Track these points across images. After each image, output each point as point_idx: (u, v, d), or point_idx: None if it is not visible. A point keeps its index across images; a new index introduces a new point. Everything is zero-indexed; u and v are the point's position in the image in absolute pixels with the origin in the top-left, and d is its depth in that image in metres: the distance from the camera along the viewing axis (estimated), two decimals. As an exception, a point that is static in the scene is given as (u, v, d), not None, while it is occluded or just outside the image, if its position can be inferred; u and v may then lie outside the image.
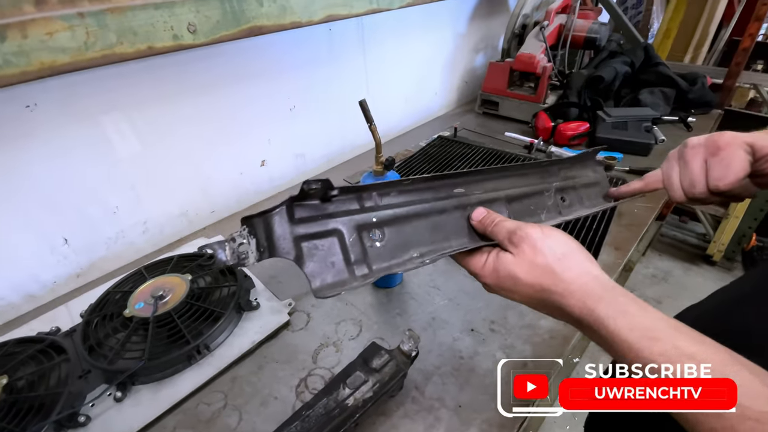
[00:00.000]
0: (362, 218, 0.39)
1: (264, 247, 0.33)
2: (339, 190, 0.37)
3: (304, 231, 0.36)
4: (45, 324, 0.65)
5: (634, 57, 1.36)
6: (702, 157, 0.42)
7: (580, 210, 0.51)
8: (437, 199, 0.43)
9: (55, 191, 0.68)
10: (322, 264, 0.37)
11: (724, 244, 1.90)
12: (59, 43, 0.56)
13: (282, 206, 0.34)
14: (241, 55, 0.83)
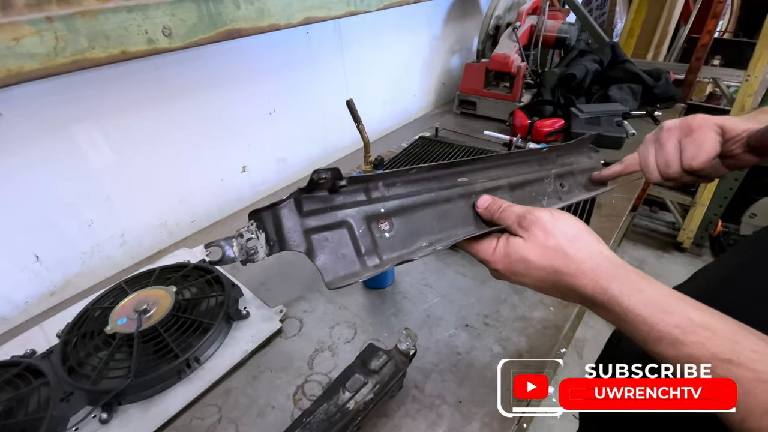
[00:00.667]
0: (370, 209, 0.39)
1: (274, 241, 0.33)
2: (347, 180, 0.37)
3: (313, 223, 0.35)
4: (19, 347, 0.61)
5: (602, 55, 1.42)
6: (676, 139, 0.45)
7: (579, 194, 0.52)
8: (442, 189, 0.43)
9: (24, 205, 0.64)
10: (333, 256, 0.37)
11: (692, 231, 2.00)
12: (27, 49, 0.53)
13: (290, 198, 0.34)
14: (218, 58, 0.81)
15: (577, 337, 1.61)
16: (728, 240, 2.02)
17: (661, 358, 0.30)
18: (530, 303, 0.65)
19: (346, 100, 0.58)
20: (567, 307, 0.63)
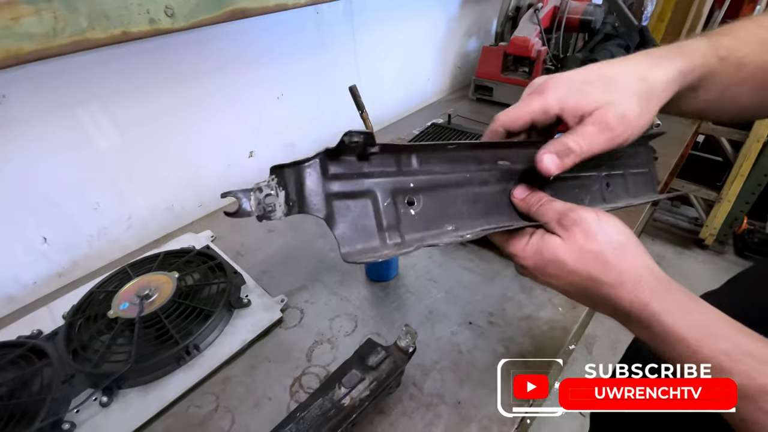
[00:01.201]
0: (399, 181, 0.35)
1: (294, 201, 0.31)
2: (380, 147, 0.34)
3: (337, 189, 0.33)
4: (26, 327, 0.62)
5: (629, 40, 1.34)
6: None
7: (625, 199, 0.48)
8: (480, 170, 0.39)
9: (31, 188, 0.64)
10: (353, 227, 0.34)
11: (716, 228, 1.92)
12: (25, 29, 0.52)
13: (316, 158, 0.31)
14: (224, 40, 0.79)
15: (587, 333, 1.58)
16: (753, 238, 1.93)
17: None
18: (538, 302, 0.62)
19: (349, 87, 0.55)
20: (576, 308, 0.61)
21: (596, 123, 0.34)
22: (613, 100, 0.34)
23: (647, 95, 0.35)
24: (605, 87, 0.35)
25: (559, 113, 0.36)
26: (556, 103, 0.35)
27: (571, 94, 0.35)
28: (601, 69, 0.36)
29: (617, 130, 0.34)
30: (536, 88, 0.37)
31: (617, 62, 0.37)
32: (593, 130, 0.34)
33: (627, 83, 0.35)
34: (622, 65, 0.36)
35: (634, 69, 0.35)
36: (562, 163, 0.35)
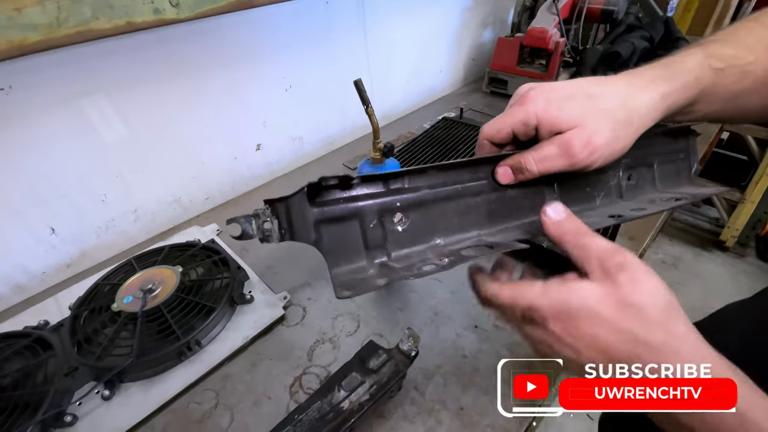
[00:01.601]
0: (386, 202, 0.36)
1: (285, 230, 0.33)
2: (360, 179, 0.34)
3: (325, 214, 0.34)
4: (34, 317, 0.63)
5: (653, 31, 1.27)
6: None
7: (651, 194, 0.42)
8: (473, 181, 0.37)
9: (38, 179, 0.65)
10: (341, 249, 0.35)
11: (738, 229, 1.84)
12: (29, 20, 0.51)
13: (300, 192, 0.32)
14: (231, 31, 0.77)
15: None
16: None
17: None
18: (547, 306, 0.60)
19: (354, 81, 0.53)
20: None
21: (560, 145, 0.33)
22: (586, 122, 0.33)
23: (625, 121, 0.34)
24: (584, 106, 0.34)
25: (536, 125, 0.35)
26: (535, 116, 0.34)
27: (550, 107, 0.34)
28: (587, 85, 0.35)
29: (579, 155, 0.33)
30: (519, 98, 0.36)
31: (606, 81, 0.35)
32: (553, 152, 0.34)
33: (607, 105, 0.34)
34: (610, 86, 0.35)
35: (619, 92, 0.34)
36: (515, 178, 0.36)
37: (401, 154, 0.97)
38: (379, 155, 0.59)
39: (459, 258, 0.34)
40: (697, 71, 0.35)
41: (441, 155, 0.96)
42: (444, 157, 0.95)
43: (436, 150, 0.98)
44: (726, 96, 0.37)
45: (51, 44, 0.54)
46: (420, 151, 0.98)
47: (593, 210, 0.41)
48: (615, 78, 0.36)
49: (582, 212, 0.41)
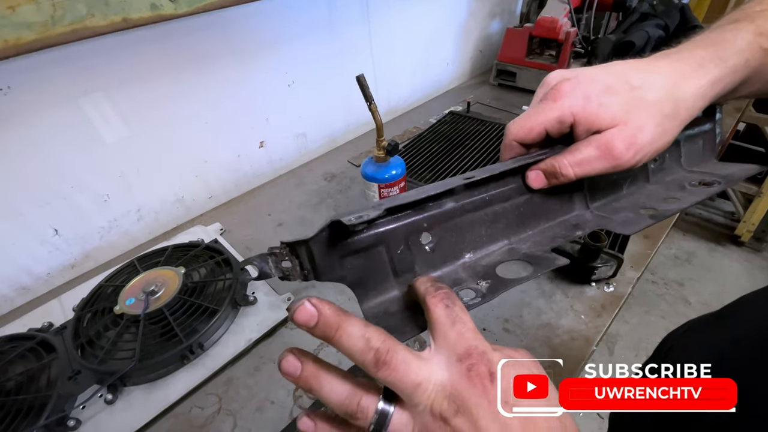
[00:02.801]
0: (412, 224, 0.32)
1: (308, 270, 0.29)
2: (386, 212, 0.29)
3: (348, 248, 0.30)
4: (38, 319, 0.63)
5: (668, 19, 1.22)
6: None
7: (677, 173, 0.40)
8: (502, 188, 0.34)
9: (39, 180, 0.64)
10: (368, 279, 0.31)
11: (754, 224, 1.79)
12: (23, 18, 0.50)
13: (322, 233, 0.29)
14: (231, 26, 0.75)
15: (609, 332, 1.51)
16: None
17: None
18: (558, 309, 0.58)
19: (356, 76, 0.51)
20: (601, 317, 0.56)
21: (600, 146, 0.30)
22: (629, 119, 0.30)
23: (673, 113, 0.31)
24: (627, 100, 0.30)
25: (572, 123, 0.31)
26: (571, 113, 0.31)
27: (589, 104, 0.30)
28: (628, 73, 0.31)
29: (623, 157, 0.30)
30: (550, 91, 0.32)
31: (648, 68, 0.32)
32: (593, 155, 0.31)
33: (653, 97, 0.30)
34: (654, 74, 0.31)
35: (665, 81, 0.31)
36: (548, 183, 0.33)
37: (406, 150, 0.95)
38: (383, 154, 0.57)
39: (498, 282, 0.31)
40: (747, 52, 0.32)
41: (448, 151, 0.94)
42: (450, 153, 0.93)
43: (443, 146, 0.96)
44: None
45: (46, 43, 0.53)
46: (426, 147, 0.96)
47: (622, 199, 0.39)
48: (657, 62, 0.32)
49: (610, 204, 0.39)
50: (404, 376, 0.22)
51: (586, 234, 0.35)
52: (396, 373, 0.22)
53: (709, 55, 0.32)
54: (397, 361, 0.22)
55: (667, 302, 1.66)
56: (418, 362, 0.23)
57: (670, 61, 0.32)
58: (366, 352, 0.22)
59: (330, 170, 0.94)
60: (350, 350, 0.23)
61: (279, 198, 0.87)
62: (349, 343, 0.23)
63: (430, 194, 0.30)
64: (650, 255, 0.66)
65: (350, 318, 0.23)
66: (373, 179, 0.64)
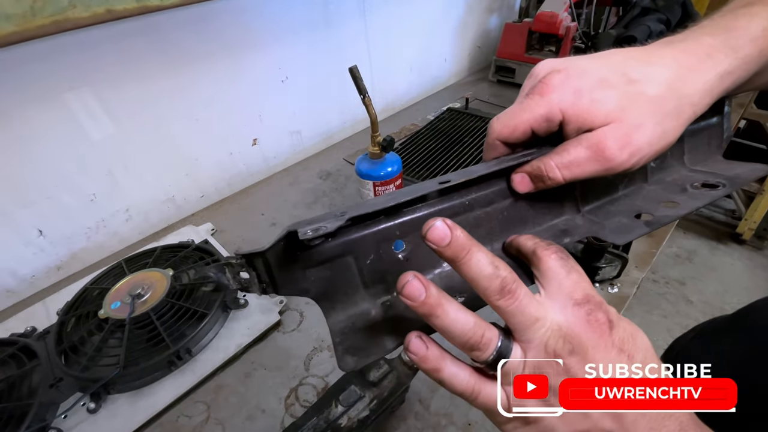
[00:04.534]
0: (382, 231, 0.29)
1: (266, 283, 0.27)
2: (351, 221, 0.27)
3: (312, 259, 0.28)
4: (22, 323, 0.60)
5: (670, 13, 1.21)
6: None
7: (679, 171, 0.37)
8: (484, 191, 0.31)
9: (22, 179, 0.62)
10: (336, 295, 0.29)
11: (755, 221, 1.77)
12: (1, 10, 0.48)
13: (278, 244, 0.26)
14: (223, 19, 0.73)
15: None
16: (797, 233, 1.78)
17: None
18: (560, 311, 0.56)
19: (349, 68, 0.49)
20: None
21: (591, 146, 0.27)
22: (625, 116, 0.27)
23: (675, 111, 0.27)
24: (624, 95, 0.27)
25: (561, 120, 0.28)
26: (560, 110, 0.27)
27: (579, 100, 0.27)
28: (626, 64, 0.28)
29: (616, 159, 0.27)
30: (538, 84, 0.29)
31: (649, 59, 0.28)
32: (583, 156, 0.27)
33: (653, 92, 0.27)
34: (655, 66, 0.28)
35: (667, 74, 0.27)
36: (534, 187, 0.30)
37: (403, 148, 0.93)
38: (378, 150, 0.55)
39: (475, 297, 0.27)
40: (761, 40, 0.28)
41: (445, 148, 0.92)
42: (448, 150, 0.91)
43: (441, 143, 0.94)
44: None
45: (26, 35, 0.51)
46: (423, 145, 0.94)
47: (617, 202, 0.36)
48: (659, 51, 0.29)
49: (604, 207, 0.36)
50: (525, 309, 0.22)
51: (575, 241, 0.32)
52: (519, 304, 0.22)
53: (719, 44, 0.28)
54: (521, 293, 0.22)
55: (668, 301, 1.64)
56: (536, 300, 0.23)
57: (674, 51, 0.28)
58: (493, 279, 0.22)
59: (325, 168, 0.92)
60: (477, 274, 0.22)
61: (273, 197, 0.85)
62: (478, 267, 0.22)
63: (400, 201, 0.27)
64: (655, 254, 0.63)
65: (480, 245, 0.23)
66: (368, 176, 0.61)
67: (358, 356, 0.26)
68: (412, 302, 0.23)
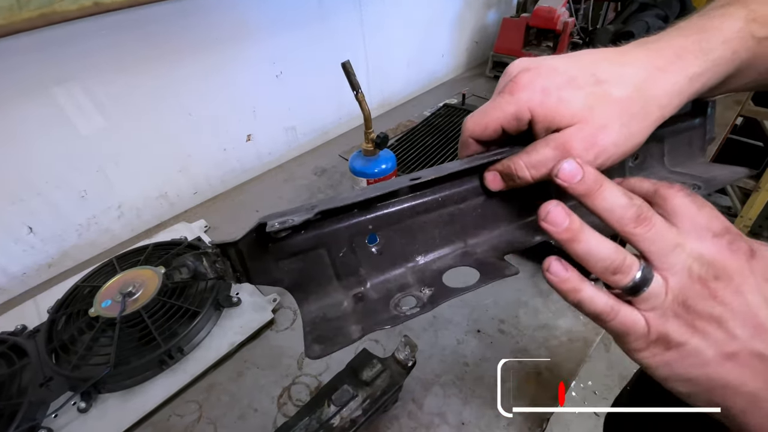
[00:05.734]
0: (355, 225, 0.30)
1: (240, 272, 0.28)
2: (321, 215, 0.27)
3: (284, 251, 0.29)
4: (12, 321, 0.60)
5: (668, 9, 1.20)
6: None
7: (658, 173, 0.37)
8: (457, 187, 0.32)
9: (10, 175, 0.61)
10: (309, 286, 0.30)
11: (751, 219, 1.78)
12: (-14, 2, 0.47)
13: (249, 235, 0.27)
14: (214, 11, 0.72)
15: (605, 328, 1.50)
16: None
17: None
18: (556, 309, 0.56)
19: (341, 63, 0.48)
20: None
21: (558, 147, 0.27)
22: (591, 117, 0.27)
23: (642, 113, 0.27)
24: (589, 95, 0.27)
25: (530, 119, 0.28)
26: (528, 110, 0.28)
27: (547, 99, 0.27)
28: (596, 65, 0.28)
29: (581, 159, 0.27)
30: (509, 83, 0.29)
31: (618, 58, 0.28)
32: (549, 156, 0.27)
33: (619, 94, 0.27)
34: (623, 66, 0.28)
35: (635, 75, 0.28)
36: (506, 186, 0.30)
37: (399, 144, 0.92)
38: (372, 147, 0.54)
39: (441, 291, 0.29)
40: (735, 42, 0.28)
41: (441, 145, 0.91)
42: (444, 147, 0.90)
43: (437, 139, 0.93)
44: (766, 67, 0.30)
45: (13, 28, 0.50)
46: (419, 141, 0.93)
47: None
48: (629, 52, 0.29)
49: (577, 207, 0.36)
50: (665, 235, 0.23)
51: (546, 240, 0.32)
52: (656, 230, 0.22)
53: (691, 45, 0.28)
54: (657, 220, 0.23)
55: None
56: (674, 229, 0.23)
57: (645, 51, 0.28)
58: (629, 207, 0.23)
59: (320, 164, 0.91)
60: (612, 203, 0.23)
61: (267, 193, 0.84)
62: (611, 197, 0.23)
63: (370, 197, 0.28)
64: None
65: (609, 179, 0.24)
66: (362, 174, 0.61)
67: (324, 345, 0.27)
68: (555, 228, 0.23)
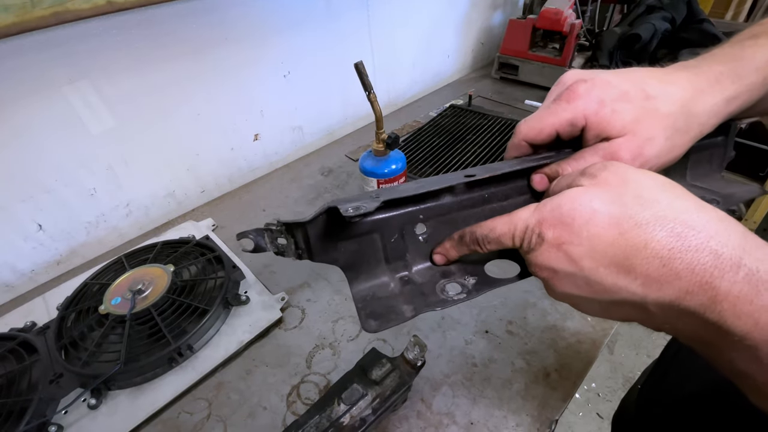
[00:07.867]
0: (407, 214, 0.33)
1: (302, 250, 0.31)
2: (384, 204, 0.30)
3: (344, 233, 0.31)
4: (21, 318, 0.60)
5: (675, 12, 1.19)
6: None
7: (680, 184, 0.39)
8: (503, 187, 0.34)
9: (21, 173, 0.61)
10: (361, 265, 0.33)
11: (756, 221, 1.77)
12: (0, 0, 0.47)
13: (319, 216, 0.30)
14: (224, 12, 0.72)
15: (609, 331, 1.50)
16: (798, 233, 1.78)
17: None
18: (564, 310, 0.56)
19: (354, 63, 0.48)
20: (608, 320, 0.54)
21: (606, 156, 0.30)
22: (639, 129, 0.29)
23: (684, 128, 0.30)
24: (640, 109, 0.29)
25: (584, 126, 0.31)
26: (584, 117, 0.30)
27: (602, 109, 0.29)
28: (645, 82, 0.30)
29: None
30: (565, 91, 0.31)
31: (666, 78, 0.31)
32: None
33: (667, 110, 0.29)
34: (671, 85, 0.30)
35: (681, 94, 0.30)
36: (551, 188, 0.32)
37: (406, 145, 0.92)
38: (383, 147, 0.54)
39: (484, 280, 0.32)
40: (764, 70, 0.31)
41: (449, 145, 0.91)
42: (451, 147, 0.90)
43: (444, 140, 0.93)
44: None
45: (26, 27, 0.50)
46: (426, 141, 0.93)
47: None
48: (674, 73, 0.31)
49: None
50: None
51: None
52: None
53: (728, 71, 0.31)
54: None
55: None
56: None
57: (688, 74, 0.31)
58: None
59: (327, 165, 0.91)
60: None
61: (274, 193, 0.84)
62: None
63: (429, 190, 0.30)
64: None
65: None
66: (372, 174, 0.61)
67: (379, 320, 0.29)
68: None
